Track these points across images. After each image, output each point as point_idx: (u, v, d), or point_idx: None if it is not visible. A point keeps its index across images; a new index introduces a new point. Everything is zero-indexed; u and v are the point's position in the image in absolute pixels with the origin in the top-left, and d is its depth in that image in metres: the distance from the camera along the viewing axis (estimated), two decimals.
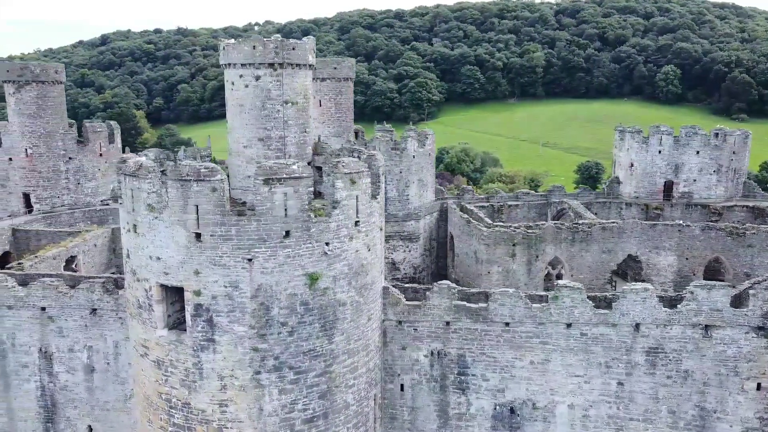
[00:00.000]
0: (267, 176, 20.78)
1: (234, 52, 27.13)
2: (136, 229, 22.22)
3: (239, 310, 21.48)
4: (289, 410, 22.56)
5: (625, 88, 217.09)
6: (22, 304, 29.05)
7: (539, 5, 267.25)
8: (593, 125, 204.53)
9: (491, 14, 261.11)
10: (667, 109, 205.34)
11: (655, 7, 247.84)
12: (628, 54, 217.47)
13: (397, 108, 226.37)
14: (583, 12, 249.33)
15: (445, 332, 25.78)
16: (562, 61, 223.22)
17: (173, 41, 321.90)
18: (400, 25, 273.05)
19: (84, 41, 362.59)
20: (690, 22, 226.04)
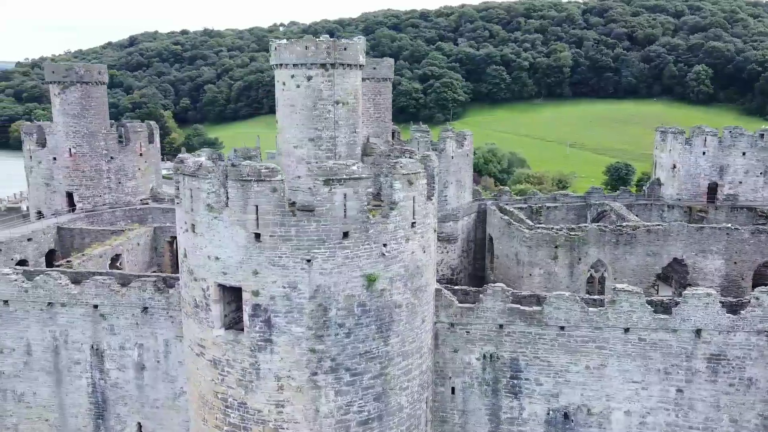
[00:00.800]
0: (327, 177, 20.70)
1: (286, 53, 27.15)
2: (194, 228, 22.32)
3: (297, 311, 21.45)
4: (345, 412, 22.46)
5: (654, 88, 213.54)
6: (75, 301, 29.48)
7: (566, 4, 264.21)
8: (621, 126, 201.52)
9: (517, 14, 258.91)
10: (697, 110, 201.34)
11: (686, 5, 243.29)
12: (657, 53, 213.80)
13: (423, 108, 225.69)
14: (612, 11, 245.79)
15: (498, 335, 25.46)
16: (589, 61, 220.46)
17: (200, 42, 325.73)
18: (425, 25, 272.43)
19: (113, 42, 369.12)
20: (722, 21, 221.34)
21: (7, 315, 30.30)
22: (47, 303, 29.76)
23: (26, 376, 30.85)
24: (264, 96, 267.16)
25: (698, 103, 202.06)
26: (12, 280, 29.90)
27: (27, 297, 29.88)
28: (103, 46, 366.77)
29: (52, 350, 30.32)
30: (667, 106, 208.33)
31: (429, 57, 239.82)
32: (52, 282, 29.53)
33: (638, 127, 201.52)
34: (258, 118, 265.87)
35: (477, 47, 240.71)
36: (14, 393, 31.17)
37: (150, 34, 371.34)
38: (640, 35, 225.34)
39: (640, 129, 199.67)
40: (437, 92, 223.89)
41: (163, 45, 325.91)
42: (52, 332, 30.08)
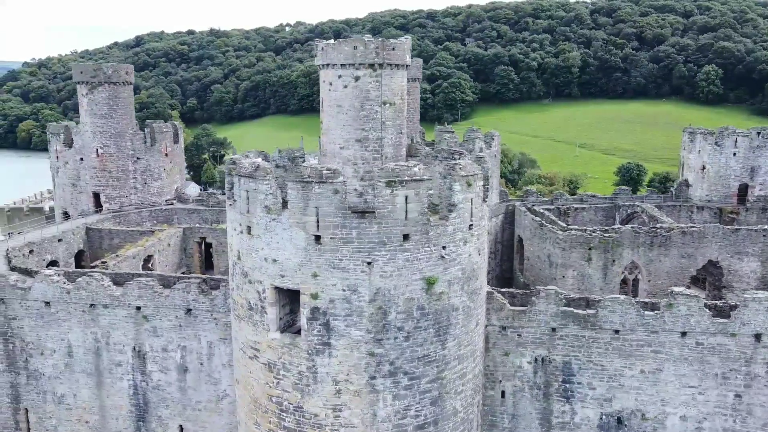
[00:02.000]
0: (389, 178, 20.45)
1: (334, 53, 26.93)
2: (250, 230, 22.10)
3: (357, 314, 21.21)
4: (402, 416, 22.22)
5: (663, 88, 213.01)
6: (118, 303, 29.32)
7: (574, 4, 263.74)
8: (631, 126, 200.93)
9: (525, 14, 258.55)
10: (707, 110, 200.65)
11: (695, 5, 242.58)
12: (667, 53, 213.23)
13: (431, 108, 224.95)
14: (620, 11, 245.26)
15: (550, 339, 25.20)
16: (598, 61, 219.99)
17: (206, 42, 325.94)
18: (432, 26, 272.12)
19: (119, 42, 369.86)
20: (732, 21, 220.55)
21: (49, 316, 30.17)
22: (89, 304, 29.60)
23: (67, 378, 30.72)
24: (271, 96, 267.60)
25: (708, 104, 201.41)
26: (54, 282, 29.77)
27: (69, 298, 29.74)
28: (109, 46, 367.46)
29: (94, 352, 30.17)
30: (676, 106, 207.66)
31: (437, 57, 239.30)
32: (94, 283, 29.37)
33: (647, 127, 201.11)
34: (265, 119, 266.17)
35: (485, 47, 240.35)
36: (54, 395, 31.05)
37: (156, 34, 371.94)
38: (649, 35, 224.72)
39: (650, 129, 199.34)
40: (445, 92, 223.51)
41: (169, 45, 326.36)
42: (93, 334, 29.93)
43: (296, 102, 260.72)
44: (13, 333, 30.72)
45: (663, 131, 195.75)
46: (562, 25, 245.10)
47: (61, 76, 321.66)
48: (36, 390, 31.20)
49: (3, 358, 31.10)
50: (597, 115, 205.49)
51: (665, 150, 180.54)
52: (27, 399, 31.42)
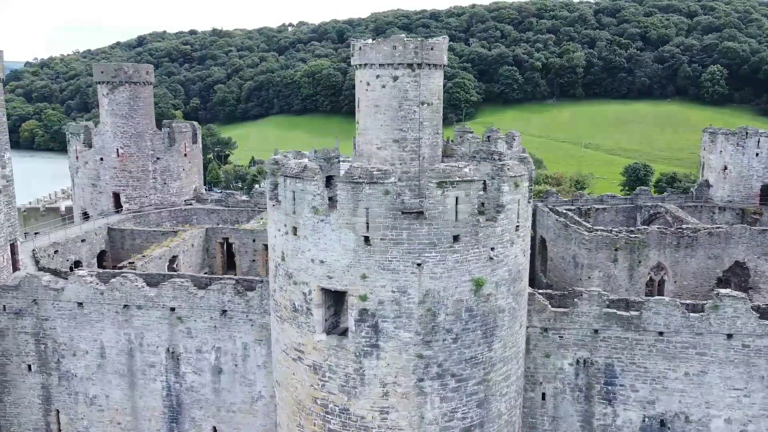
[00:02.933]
0: (440, 179, 20.31)
1: (372, 53, 26.82)
2: (296, 231, 21.94)
3: (406, 316, 21.07)
4: (449, 419, 22.08)
5: (668, 88, 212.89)
6: (152, 304, 29.16)
7: (578, 4, 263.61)
8: (636, 126, 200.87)
9: (529, 14, 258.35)
10: (712, 110, 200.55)
11: (699, 5, 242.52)
12: (671, 54, 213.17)
13: None
14: (624, 11, 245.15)
15: (593, 340, 25.07)
16: (603, 61, 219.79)
17: (209, 42, 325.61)
18: (436, 26, 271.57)
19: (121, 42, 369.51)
20: (736, 21, 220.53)
21: (82, 317, 30.02)
22: (123, 305, 29.46)
23: (99, 379, 30.56)
24: (274, 96, 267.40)
25: (713, 104, 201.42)
26: (87, 282, 29.61)
27: (102, 299, 29.59)
28: (111, 46, 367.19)
29: (127, 353, 30.02)
30: (681, 106, 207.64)
31: None
32: (128, 284, 29.22)
33: (652, 128, 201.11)
34: (268, 118, 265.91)
35: (489, 47, 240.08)
36: (86, 396, 30.89)
37: (158, 34, 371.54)
38: (654, 35, 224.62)
39: (655, 130, 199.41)
40: (449, 92, 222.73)
41: (172, 45, 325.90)
42: (127, 335, 29.78)
43: (299, 102, 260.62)
44: (46, 334, 30.57)
45: (668, 131, 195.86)
46: (566, 25, 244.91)
47: (63, 75, 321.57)
48: (68, 391, 31.04)
49: (35, 359, 30.95)
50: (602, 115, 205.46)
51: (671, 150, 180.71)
52: (58, 400, 31.26)
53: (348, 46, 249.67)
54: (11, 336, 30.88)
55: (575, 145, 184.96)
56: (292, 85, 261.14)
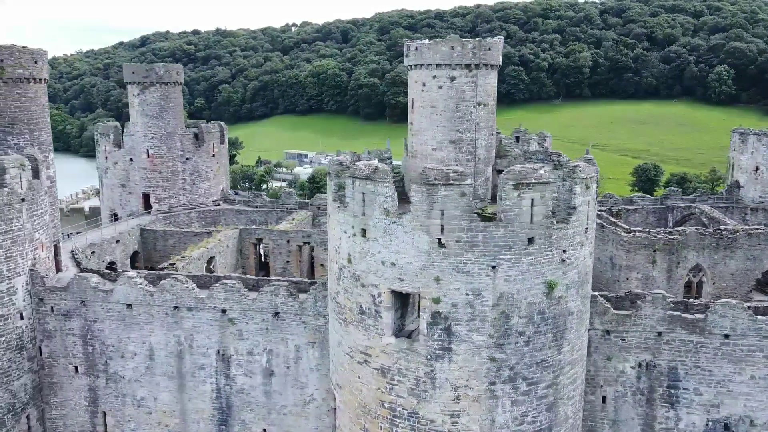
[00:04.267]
0: (517, 181, 20.14)
1: (429, 53, 26.63)
2: (365, 233, 21.75)
3: (480, 319, 20.89)
4: (520, 422, 21.91)
5: (675, 88, 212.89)
6: (203, 306, 28.97)
7: (583, 4, 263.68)
8: (642, 127, 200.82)
9: (534, 14, 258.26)
10: (719, 110, 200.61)
11: (705, 5, 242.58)
12: (678, 54, 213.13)
13: None
14: (630, 11, 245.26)
15: (656, 343, 24.90)
16: (609, 62, 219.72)
17: (213, 42, 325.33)
18: (441, 26, 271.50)
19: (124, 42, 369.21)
20: (743, 21, 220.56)
21: (131, 319, 29.83)
22: (173, 307, 29.27)
23: (147, 381, 30.36)
24: (279, 96, 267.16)
25: (720, 104, 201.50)
26: (137, 284, 29.42)
27: (152, 301, 29.39)
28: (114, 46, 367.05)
29: (176, 355, 29.82)
30: (688, 107, 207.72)
31: None
32: (179, 286, 29.03)
33: (659, 128, 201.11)
34: (273, 118, 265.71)
35: None
36: (134, 398, 30.70)
37: (161, 34, 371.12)
38: (660, 36, 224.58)
39: (662, 130, 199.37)
40: None
41: (175, 45, 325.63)
42: (176, 337, 29.58)
43: (305, 102, 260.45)
44: (93, 335, 30.37)
45: (675, 132, 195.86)
46: (572, 26, 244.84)
47: (67, 75, 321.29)
48: (115, 393, 30.84)
49: (82, 361, 30.76)
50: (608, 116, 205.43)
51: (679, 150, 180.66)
52: (105, 402, 31.07)
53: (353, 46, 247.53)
54: (59, 338, 30.68)
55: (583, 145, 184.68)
56: (297, 85, 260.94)
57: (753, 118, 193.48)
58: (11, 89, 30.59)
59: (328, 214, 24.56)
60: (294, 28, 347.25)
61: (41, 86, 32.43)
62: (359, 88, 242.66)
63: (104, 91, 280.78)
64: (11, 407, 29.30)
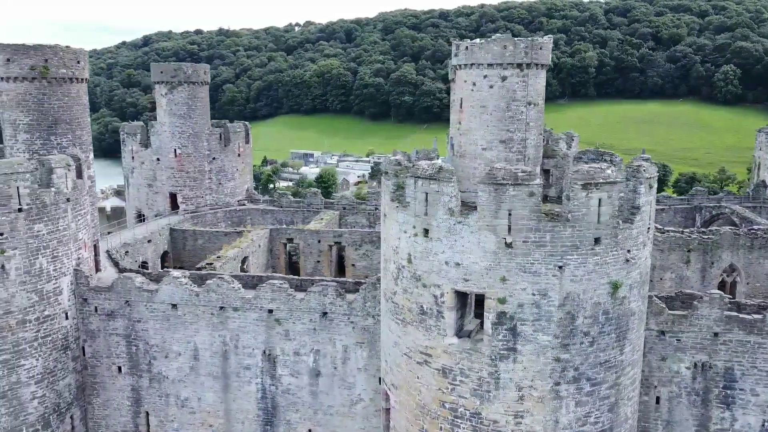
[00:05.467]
0: (585, 181, 20.05)
1: (481, 52, 26.59)
2: (427, 233, 21.66)
3: (545, 319, 20.80)
4: (582, 423, 21.83)
5: (680, 88, 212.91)
6: (249, 306, 28.88)
7: (588, 4, 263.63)
8: (649, 126, 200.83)
9: (539, 14, 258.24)
10: (725, 110, 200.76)
11: (710, 5, 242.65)
12: (684, 53, 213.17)
13: (446, 109, 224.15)
14: (635, 11, 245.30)
15: (712, 344, 24.83)
16: (615, 61, 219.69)
17: (216, 42, 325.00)
18: (445, 25, 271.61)
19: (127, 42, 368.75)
20: (748, 21, 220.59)
21: (175, 319, 29.74)
22: (219, 307, 29.17)
23: (192, 381, 30.28)
24: (284, 96, 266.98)
25: (726, 104, 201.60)
26: (182, 284, 29.33)
27: (198, 301, 29.31)
28: (117, 45, 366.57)
29: (221, 355, 29.74)
30: (694, 106, 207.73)
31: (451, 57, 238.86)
32: (225, 286, 28.93)
33: (666, 128, 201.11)
34: (278, 118, 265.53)
35: None
36: (177, 398, 30.60)
37: (164, 34, 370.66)
38: (665, 35, 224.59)
39: (669, 130, 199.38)
40: None
41: (179, 44, 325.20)
42: (222, 337, 29.50)
43: (309, 102, 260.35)
44: (137, 335, 30.28)
45: (682, 131, 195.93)
46: (577, 25, 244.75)
47: None
48: (158, 393, 30.75)
49: (125, 361, 30.67)
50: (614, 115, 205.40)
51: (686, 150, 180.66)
52: (148, 402, 30.98)
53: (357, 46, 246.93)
54: (102, 338, 30.60)
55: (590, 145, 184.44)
56: (302, 84, 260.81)
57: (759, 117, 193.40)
58: (55, 89, 30.50)
59: (382, 214, 24.46)
60: (297, 27, 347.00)
61: (83, 86, 32.33)
62: (364, 88, 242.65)
63: (108, 90, 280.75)
64: (56, 407, 29.21)
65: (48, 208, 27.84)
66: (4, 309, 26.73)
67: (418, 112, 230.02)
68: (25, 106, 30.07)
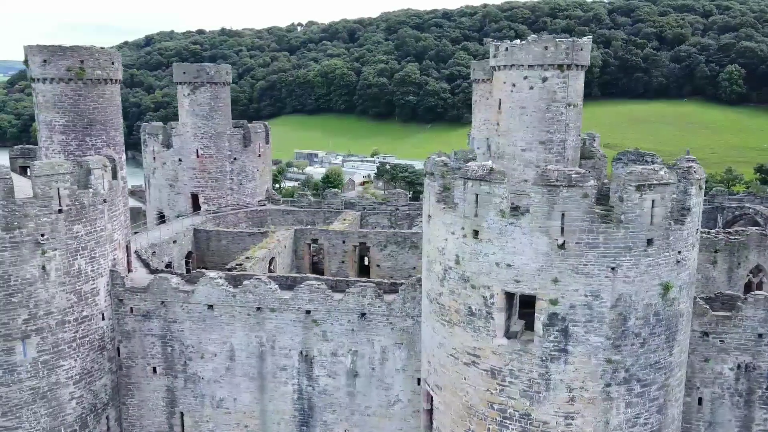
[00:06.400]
0: (639, 182, 20.05)
1: (521, 53, 26.60)
2: (477, 234, 21.66)
3: (597, 321, 20.81)
4: (632, 424, 21.85)
5: (685, 88, 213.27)
6: (287, 307, 28.88)
7: (592, 4, 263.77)
8: (654, 126, 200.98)
9: (543, 13, 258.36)
10: (730, 110, 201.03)
11: (714, 5, 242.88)
12: (688, 53, 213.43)
13: (450, 108, 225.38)
14: (638, 11, 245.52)
15: (756, 345, 24.87)
16: (619, 61, 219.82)
17: (218, 41, 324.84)
18: (449, 25, 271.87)
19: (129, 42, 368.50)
20: (752, 20, 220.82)
21: (212, 320, 29.74)
22: (256, 308, 29.18)
23: (227, 382, 30.27)
24: (287, 96, 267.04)
25: (730, 104, 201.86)
26: (219, 285, 29.33)
27: (234, 302, 29.30)
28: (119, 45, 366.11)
29: (258, 356, 29.74)
30: (698, 106, 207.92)
31: (455, 57, 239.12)
32: (262, 287, 28.94)
33: (670, 127, 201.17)
34: (281, 118, 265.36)
35: None
36: (212, 399, 30.61)
37: (166, 34, 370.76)
38: (669, 35, 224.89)
39: (673, 129, 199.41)
40: (465, 92, 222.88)
41: (181, 44, 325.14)
42: (258, 338, 29.50)
43: (313, 102, 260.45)
44: (173, 336, 30.28)
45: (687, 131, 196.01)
46: (581, 25, 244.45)
47: None
48: (193, 393, 30.75)
49: (161, 362, 30.66)
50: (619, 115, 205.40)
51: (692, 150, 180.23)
52: (183, 402, 30.98)
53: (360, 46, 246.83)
54: (137, 338, 30.59)
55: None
56: (306, 84, 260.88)
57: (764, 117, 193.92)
58: (90, 90, 30.50)
59: (426, 215, 24.47)
60: (300, 27, 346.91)
61: (116, 87, 32.32)
62: (368, 88, 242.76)
63: None
64: (93, 408, 29.21)
65: (86, 209, 27.84)
66: (44, 310, 26.72)
67: (422, 112, 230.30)
68: (60, 107, 30.08)
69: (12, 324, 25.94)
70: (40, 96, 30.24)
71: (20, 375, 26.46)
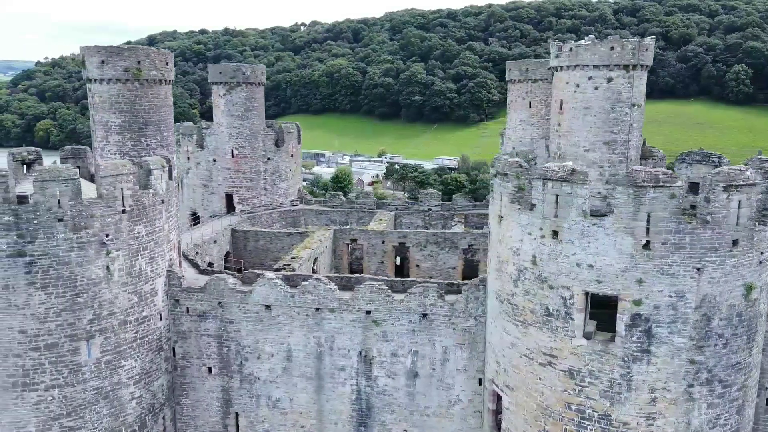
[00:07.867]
0: (727, 183, 20.05)
1: (587, 54, 26.55)
2: (556, 235, 21.64)
3: (681, 321, 20.81)
4: (713, 425, 21.85)
5: (691, 88, 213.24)
6: (346, 307, 28.80)
7: (597, 4, 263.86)
8: (660, 126, 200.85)
9: (548, 13, 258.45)
10: (737, 110, 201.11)
11: (719, 5, 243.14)
12: (695, 53, 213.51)
13: (457, 108, 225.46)
14: (644, 11, 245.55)
15: None
16: None
17: (222, 41, 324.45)
18: (454, 25, 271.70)
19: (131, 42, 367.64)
20: (758, 20, 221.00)
21: (269, 320, 29.65)
22: (314, 308, 29.10)
23: (284, 382, 30.18)
24: (292, 96, 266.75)
25: (737, 104, 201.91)
26: (277, 285, 29.25)
27: (293, 302, 29.22)
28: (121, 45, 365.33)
29: (315, 356, 29.64)
30: (705, 106, 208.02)
31: (461, 57, 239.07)
32: (322, 287, 28.86)
33: (678, 127, 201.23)
34: (286, 117, 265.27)
35: (509, 47, 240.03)
36: (269, 399, 30.51)
37: (169, 34, 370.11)
38: (675, 35, 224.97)
39: (680, 129, 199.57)
40: (471, 92, 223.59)
41: (185, 44, 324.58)
42: (316, 338, 29.40)
43: (318, 102, 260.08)
44: (229, 336, 30.17)
45: (694, 131, 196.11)
46: (586, 25, 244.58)
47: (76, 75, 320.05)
48: (249, 394, 30.64)
49: (216, 362, 30.55)
50: None
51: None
52: (238, 403, 30.87)
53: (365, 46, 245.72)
54: (193, 338, 30.48)
55: None
56: (311, 84, 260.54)
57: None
58: (146, 90, 30.42)
59: (496, 215, 24.43)
60: (303, 27, 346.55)
61: (170, 88, 32.23)
62: (373, 88, 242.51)
63: None
64: (151, 408, 29.10)
65: (147, 209, 27.75)
66: (108, 310, 26.62)
67: (428, 111, 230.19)
68: (117, 107, 29.97)
69: (78, 324, 25.83)
70: (96, 96, 30.12)
71: (84, 375, 26.35)
